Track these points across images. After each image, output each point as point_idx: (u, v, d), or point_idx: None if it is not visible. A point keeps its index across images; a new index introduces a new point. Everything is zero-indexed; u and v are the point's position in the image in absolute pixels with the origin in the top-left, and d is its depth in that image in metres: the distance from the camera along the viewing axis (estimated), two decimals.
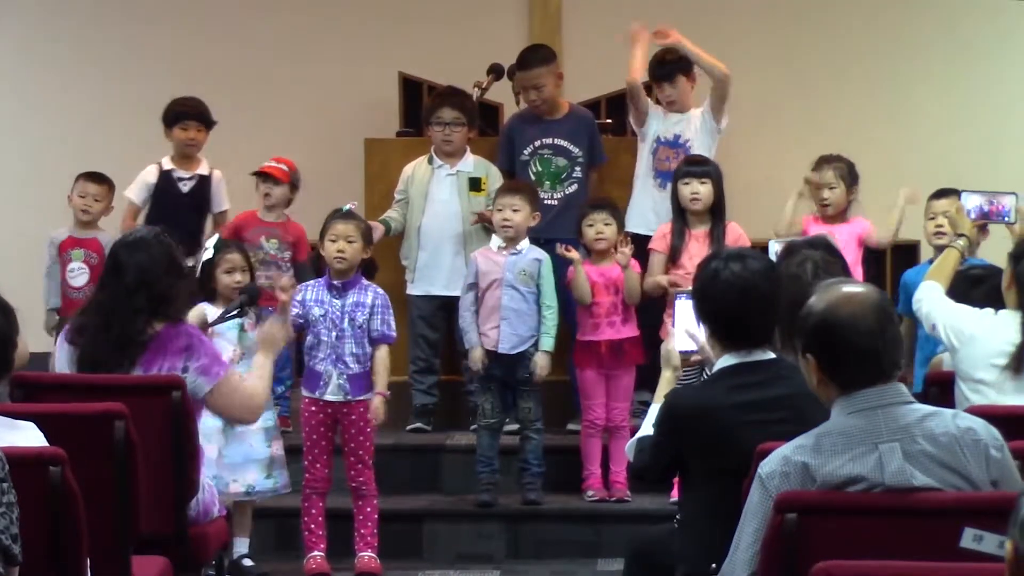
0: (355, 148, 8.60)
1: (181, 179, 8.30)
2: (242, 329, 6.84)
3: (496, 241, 7.50)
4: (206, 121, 8.31)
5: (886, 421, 3.65)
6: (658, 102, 8.23)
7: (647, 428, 4.74)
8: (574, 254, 7.48)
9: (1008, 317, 5.27)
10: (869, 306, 3.70)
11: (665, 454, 4.57)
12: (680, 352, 4.85)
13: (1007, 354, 5.18)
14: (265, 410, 6.70)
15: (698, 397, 4.50)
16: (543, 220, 7.81)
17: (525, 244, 7.49)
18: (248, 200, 8.26)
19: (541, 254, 7.51)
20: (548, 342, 7.43)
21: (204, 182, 8.32)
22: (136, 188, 8.29)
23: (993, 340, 5.22)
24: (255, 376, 5.71)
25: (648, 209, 8.00)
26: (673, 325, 4.93)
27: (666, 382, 4.85)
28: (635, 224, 7.94)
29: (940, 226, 7.10)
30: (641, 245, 7.71)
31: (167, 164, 8.31)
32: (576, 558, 7.35)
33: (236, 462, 6.61)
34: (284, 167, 8.09)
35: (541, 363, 7.39)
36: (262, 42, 10.02)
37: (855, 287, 3.79)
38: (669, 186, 7.80)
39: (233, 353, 6.73)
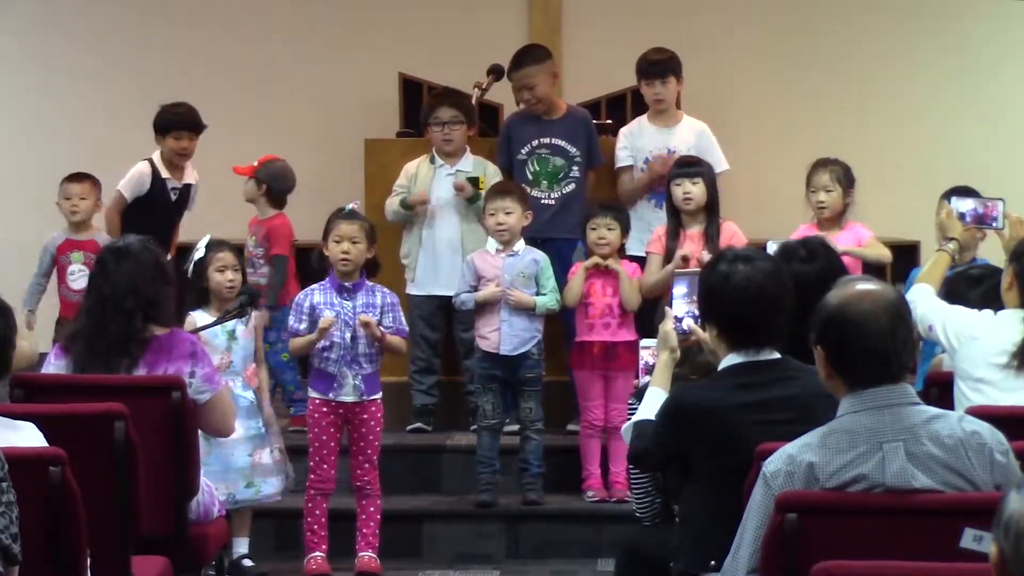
0: (355, 148, 8.59)
1: (174, 189, 8.33)
2: (232, 336, 6.82)
3: (493, 244, 7.49)
4: (198, 129, 8.31)
5: (892, 421, 3.65)
6: (643, 110, 8.22)
7: (645, 411, 4.73)
8: (593, 260, 7.45)
9: (1009, 316, 5.28)
10: (883, 306, 3.69)
11: (665, 448, 4.57)
12: (678, 332, 4.85)
13: (1008, 353, 5.18)
14: (250, 418, 6.71)
15: (703, 395, 4.49)
16: (541, 220, 7.82)
17: (521, 245, 7.48)
18: (239, 201, 8.28)
19: (539, 255, 7.51)
20: (542, 300, 7.40)
21: (187, 190, 8.37)
22: (130, 185, 8.25)
23: (995, 339, 5.22)
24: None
25: (644, 231, 7.94)
26: (670, 306, 4.92)
27: (663, 364, 4.85)
28: (633, 247, 7.89)
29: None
30: (643, 266, 7.72)
31: (163, 171, 8.28)
32: (576, 558, 7.35)
33: (216, 470, 6.58)
34: (255, 164, 8.11)
35: (523, 296, 7.36)
36: (262, 42, 10.02)
37: (871, 285, 3.77)
38: (665, 205, 7.79)
39: (220, 360, 6.70)
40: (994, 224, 6.17)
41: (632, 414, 5.01)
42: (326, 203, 7.38)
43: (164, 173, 8.27)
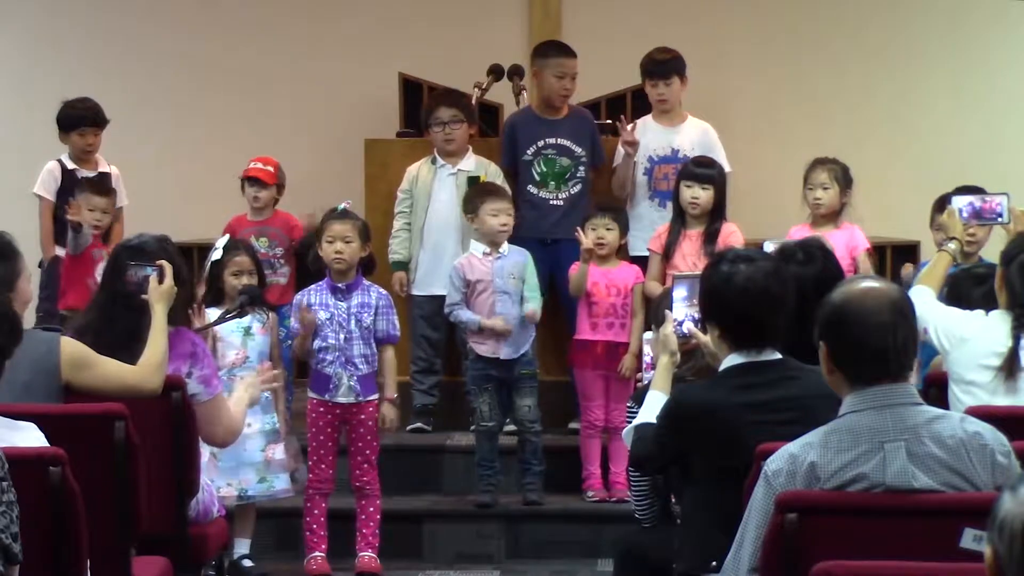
0: (355, 148, 8.60)
1: (85, 177, 8.32)
2: (247, 332, 6.84)
3: (478, 247, 7.46)
4: (102, 124, 8.38)
5: (894, 421, 3.65)
6: (647, 110, 8.22)
7: (645, 415, 4.73)
8: (585, 242, 7.44)
9: (998, 318, 5.25)
10: (885, 303, 3.69)
11: (667, 449, 4.56)
12: (677, 335, 4.85)
13: (998, 355, 5.15)
14: (266, 413, 6.72)
15: (704, 396, 4.48)
16: (549, 221, 7.82)
17: (506, 246, 7.47)
18: (241, 201, 8.27)
19: (523, 253, 7.48)
20: (534, 306, 7.36)
21: (106, 179, 8.36)
22: (45, 184, 8.34)
23: (983, 341, 5.20)
24: (235, 405, 5.72)
25: (647, 229, 7.90)
26: (670, 309, 4.92)
27: (663, 367, 4.85)
28: (636, 248, 7.89)
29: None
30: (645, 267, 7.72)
31: (69, 164, 8.36)
32: (576, 558, 7.35)
33: (230, 465, 6.59)
34: (269, 168, 8.10)
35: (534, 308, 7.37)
36: (262, 42, 10.02)
37: (876, 282, 3.78)
38: (669, 205, 7.77)
39: (236, 356, 6.74)
40: (999, 220, 6.13)
41: (631, 417, 5.01)
42: (326, 203, 7.37)
43: (71, 164, 8.34)
